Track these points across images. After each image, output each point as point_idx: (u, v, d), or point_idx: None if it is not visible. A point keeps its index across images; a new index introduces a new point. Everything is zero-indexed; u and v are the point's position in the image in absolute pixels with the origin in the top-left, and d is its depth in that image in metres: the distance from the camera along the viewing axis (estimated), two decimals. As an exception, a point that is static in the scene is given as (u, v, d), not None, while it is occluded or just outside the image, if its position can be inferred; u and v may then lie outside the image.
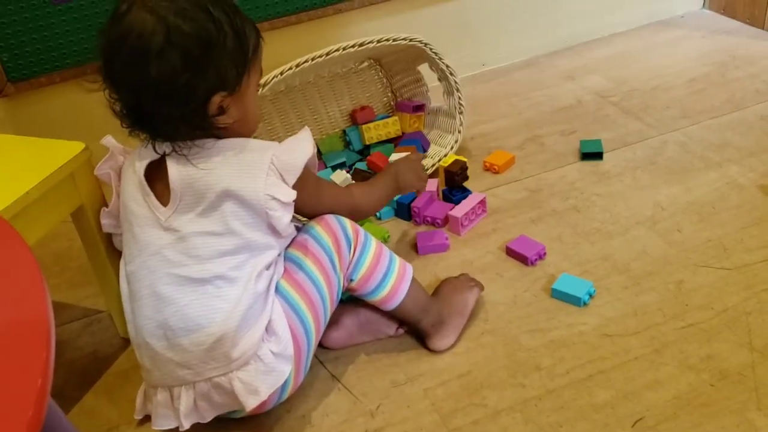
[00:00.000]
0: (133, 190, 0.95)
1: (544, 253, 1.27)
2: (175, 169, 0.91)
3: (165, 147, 0.92)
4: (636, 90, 1.78)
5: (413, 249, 1.33)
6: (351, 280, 1.05)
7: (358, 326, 1.13)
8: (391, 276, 1.06)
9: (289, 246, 1.01)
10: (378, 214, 1.42)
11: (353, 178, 1.45)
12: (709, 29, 2.03)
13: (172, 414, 0.95)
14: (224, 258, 0.92)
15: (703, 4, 2.15)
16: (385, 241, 1.35)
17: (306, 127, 1.01)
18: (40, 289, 0.58)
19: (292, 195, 0.93)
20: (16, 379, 0.50)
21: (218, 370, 0.92)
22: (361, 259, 1.04)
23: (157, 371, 0.94)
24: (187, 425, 0.94)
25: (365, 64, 1.61)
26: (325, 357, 1.12)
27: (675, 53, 1.93)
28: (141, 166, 0.94)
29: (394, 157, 1.48)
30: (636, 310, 1.14)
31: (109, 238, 1.09)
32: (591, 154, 1.53)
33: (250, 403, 0.92)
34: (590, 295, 1.17)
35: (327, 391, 1.07)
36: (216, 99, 0.90)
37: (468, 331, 1.14)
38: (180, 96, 0.87)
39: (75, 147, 1.03)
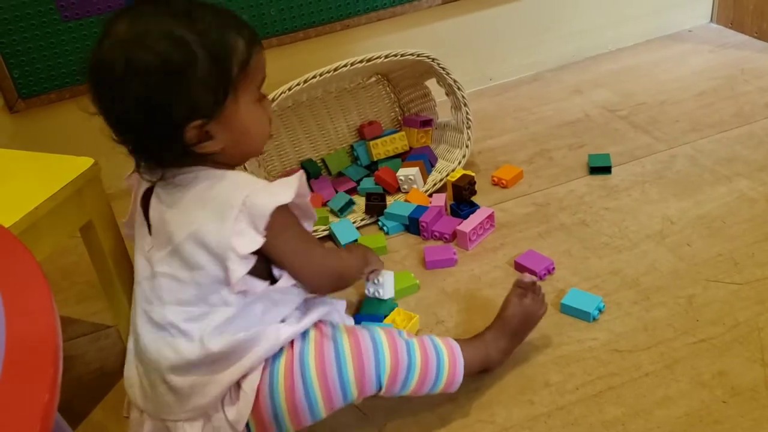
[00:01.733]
0: (138, 210, 0.94)
1: (553, 268, 1.27)
2: (155, 202, 0.89)
3: (156, 174, 0.88)
4: (644, 104, 1.78)
5: (421, 264, 1.33)
6: (400, 396, 0.97)
7: None
8: (443, 373, 0.98)
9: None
10: (386, 228, 1.42)
11: (367, 204, 1.45)
12: (716, 43, 2.03)
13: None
14: (180, 307, 0.86)
15: (711, 18, 2.15)
16: (384, 250, 1.35)
17: (301, 171, 0.90)
18: (48, 304, 0.58)
19: (257, 244, 0.84)
20: (24, 394, 0.50)
21: (168, 414, 0.88)
22: (406, 384, 0.95)
23: (131, 387, 0.93)
24: None
25: (373, 79, 1.62)
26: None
27: (683, 67, 1.93)
28: (141, 192, 0.92)
29: (402, 172, 1.49)
30: (646, 325, 1.13)
31: (119, 252, 1.10)
32: (599, 168, 1.53)
33: None
34: (600, 310, 1.16)
35: (335, 407, 1.06)
36: (191, 128, 0.83)
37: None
38: (151, 125, 0.83)
39: (84, 163, 1.04)
